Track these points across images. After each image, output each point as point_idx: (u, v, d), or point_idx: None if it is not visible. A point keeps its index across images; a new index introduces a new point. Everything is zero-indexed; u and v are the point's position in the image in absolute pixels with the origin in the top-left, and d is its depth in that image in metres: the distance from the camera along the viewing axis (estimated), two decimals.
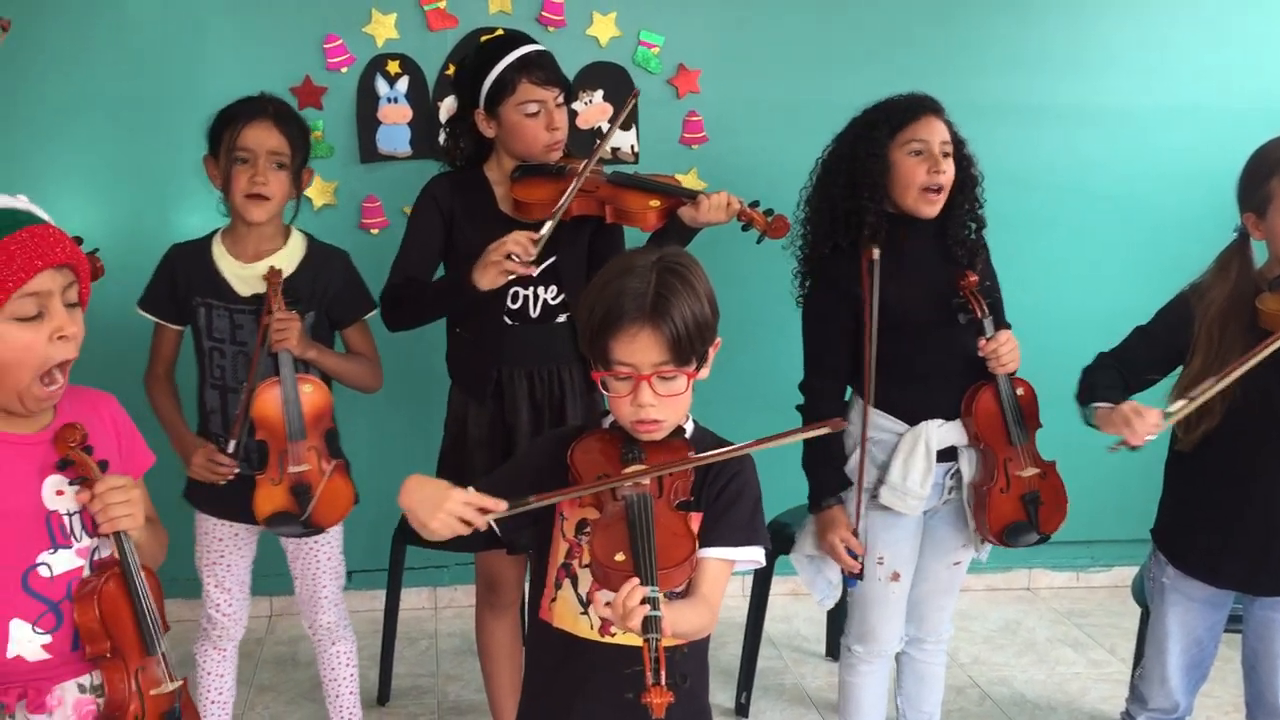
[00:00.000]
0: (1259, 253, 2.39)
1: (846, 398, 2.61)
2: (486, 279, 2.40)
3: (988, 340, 2.43)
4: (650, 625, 1.50)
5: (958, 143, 2.51)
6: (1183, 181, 3.87)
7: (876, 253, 2.39)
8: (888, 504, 2.50)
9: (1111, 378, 2.40)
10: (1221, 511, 2.34)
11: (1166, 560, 2.44)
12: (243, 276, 2.54)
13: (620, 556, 1.63)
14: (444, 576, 3.90)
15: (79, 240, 2.43)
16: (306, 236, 2.66)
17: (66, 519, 1.70)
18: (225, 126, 2.51)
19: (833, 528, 2.52)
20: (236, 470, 2.50)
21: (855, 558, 2.51)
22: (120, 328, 2.68)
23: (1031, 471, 2.50)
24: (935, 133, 2.46)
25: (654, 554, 1.61)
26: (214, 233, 2.63)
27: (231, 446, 2.50)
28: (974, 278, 2.45)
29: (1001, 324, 2.55)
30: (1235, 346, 2.25)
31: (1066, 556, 4.17)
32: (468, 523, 1.65)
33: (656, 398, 1.69)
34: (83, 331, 1.67)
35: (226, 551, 2.63)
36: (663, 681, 1.47)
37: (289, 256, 2.59)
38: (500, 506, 1.66)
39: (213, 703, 2.70)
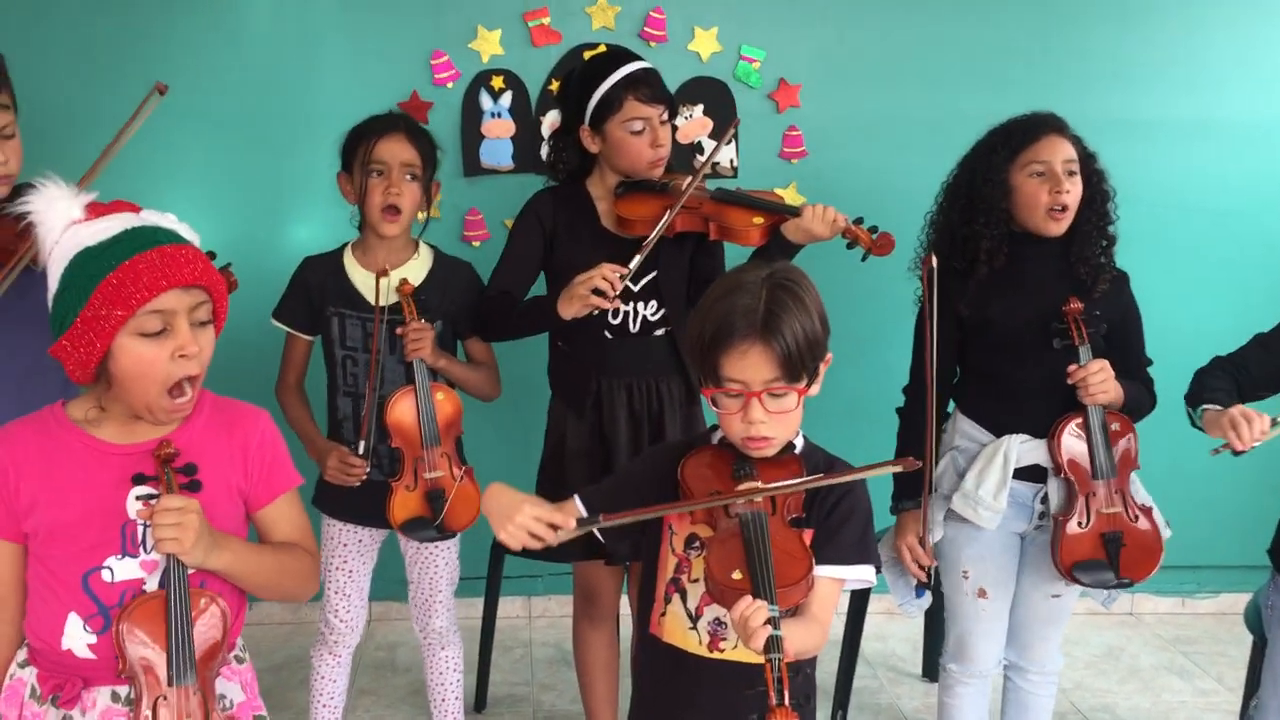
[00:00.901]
0: None
1: (949, 409, 2.60)
2: (571, 310, 2.44)
3: (1078, 367, 2.38)
4: (773, 645, 1.50)
5: (1086, 158, 2.48)
6: None
7: (935, 261, 2.35)
8: (958, 510, 2.48)
9: (1224, 381, 2.33)
10: None
11: None
12: (374, 287, 2.59)
13: (737, 575, 1.63)
14: (538, 586, 3.93)
15: (211, 255, 2.53)
16: (433, 249, 2.72)
17: (141, 529, 1.72)
18: (359, 142, 2.57)
19: (902, 533, 2.53)
20: (368, 471, 2.57)
21: (924, 568, 2.51)
22: (233, 339, 2.75)
23: (1114, 509, 2.42)
24: (1058, 152, 2.43)
25: (772, 573, 1.61)
26: (344, 245, 2.70)
27: (362, 448, 2.57)
28: (1078, 304, 2.41)
29: (1137, 360, 2.53)
30: None
31: (1171, 582, 4.06)
32: (537, 536, 1.66)
33: (767, 415, 1.69)
34: (209, 350, 1.71)
35: (350, 557, 2.69)
36: (786, 702, 1.47)
37: (417, 268, 2.65)
38: (569, 524, 1.67)
39: (324, 706, 2.76)
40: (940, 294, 2.47)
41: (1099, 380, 2.38)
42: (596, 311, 2.44)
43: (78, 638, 1.70)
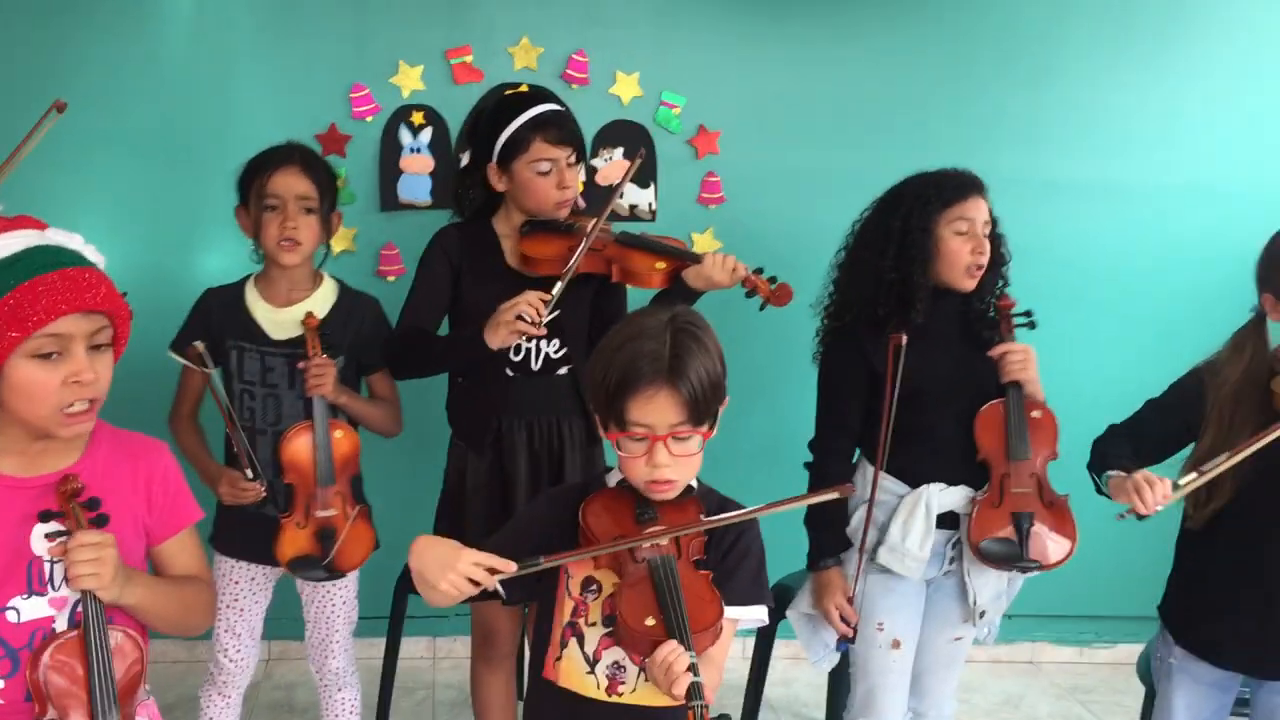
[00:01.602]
0: (1275, 334, 2.39)
1: (854, 459, 2.61)
2: (497, 339, 2.41)
3: (1001, 343, 2.47)
4: (695, 691, 1.51)
5: (994, 220, 2.56)
6: (1195, 261, 3.87)
7: (905, 339, 2.39)
8: (885, 564, 2.50)
9: (1123, 448, 2.39)
10: (1226, 591, 2.33)
11: (1173, 639, 2.42)
12: (276, 320, 2.58)
13: (651, 621, 1.63)
14: (444, 627, 3.88)
15: None
16: (338, 282, 2.69)
17: (48, 566, 1.68)
18: (254, 175, 2.55)
19: (828, 592, 2.53)
20: (263, 492, 2.51)
21: (849, 624, 2.52)
22: (138, 367, 2.70)
23: (1026, 490, 2.47)
24: (980, 212, 2.50)
25: (686, 618, 1.61)
26: (247, 278, 2.66)
27: (249, 472, 2.52)
28: (1013, 301, 2.53)
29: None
30: (1246, 427, 2.24)
31: (1071, 631, 4.14)
32: (476, 583, 1.64)
33: (672, 458, 1.70)
34: (107, 376, 1.68)
35: (242, 595, 2.64)
36: None
37: (321, 301, 2.62)
38: (510, 567, 1.66)
39: None
40: (851, 346, 2.51)
41: (1019, 356, 2.46)
42: (524, 339, 2.44)
43: None
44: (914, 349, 2.44)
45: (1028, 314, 2.56)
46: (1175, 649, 2.42)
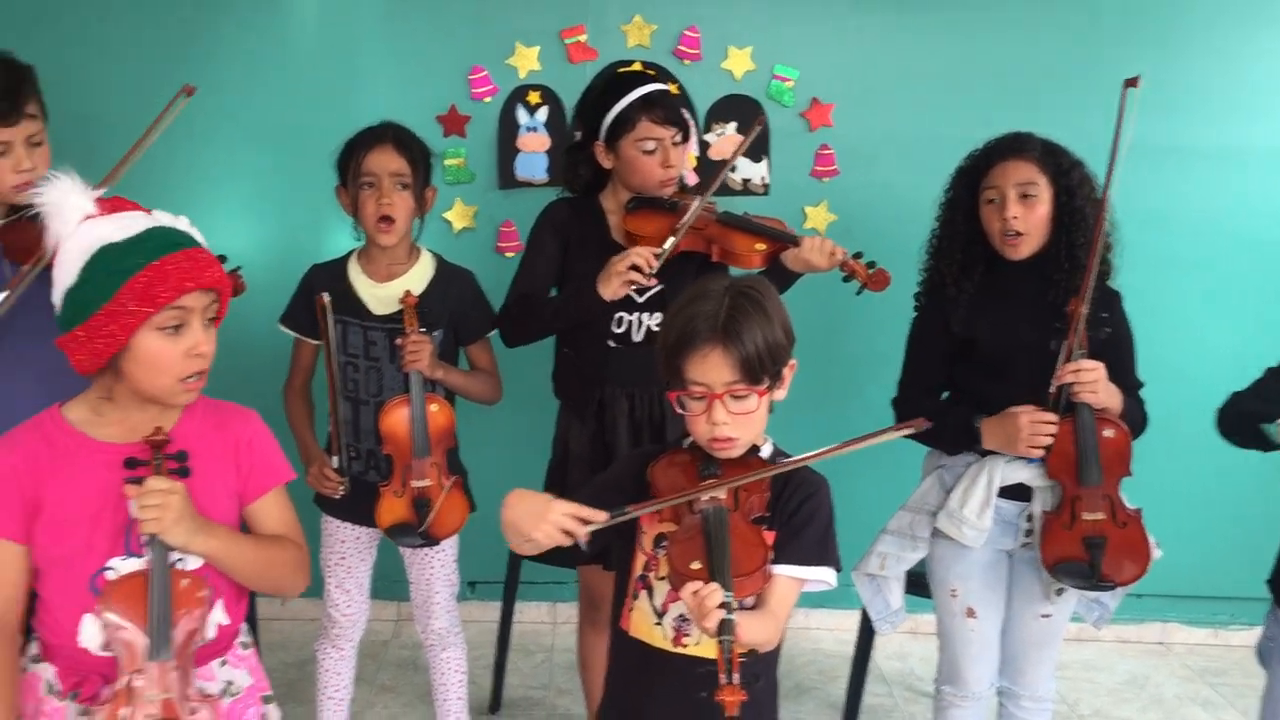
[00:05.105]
0: None
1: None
2: (610, 289, 2.51)
3: (1069, 364, 2.33)
4: (725, 628, 1.56)
5: (1058, 176, 2.43)
6: None
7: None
8: (942, 529, 2.48)
9: (1259, 405, 2.28)
10: None
11: None
12: (377, 296, 2.69)
13: (696, 565, 1.69)
14: (564, 592, 3.98)
15: (223, 259, 2.62)
16: (435, 256, 2.79)
17: None
18: (350, 155, 2.67)
19: (1011, 419, 2.36)
20: (342, 489, 2.66)
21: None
22: (267, 342, 2.87)
23: (1099, 516, 2.38)
24: (1009, 176, 2.42)
25: (728, 562, 1.67)
26: (350, 253, 2.78)
27: (336, 462, 2.67)
28: (1083, 307, 2.35)
29: (1126, 381, 2.48)
30: None
31: (1205, 612, 4.00)
32: (569, 533, 1.72)
33: (730, 416, 1.75)
34: (214, 348, 1.81)
35: (348, 554, 2.77)
36: (735, 681, 1.53)
37: (419, 276, 2.72)
38: (600, 517, 1.73)
39: (329, 699, 2.84)
40: (932, 307, 2.50)
41: (1091, 376, 2.33)
42: (635, 288, 2.53)
43: (92, 637, 1.78)
44: (988, 315, 2.43)
45: (1104, 318, 2.39)
46: None
